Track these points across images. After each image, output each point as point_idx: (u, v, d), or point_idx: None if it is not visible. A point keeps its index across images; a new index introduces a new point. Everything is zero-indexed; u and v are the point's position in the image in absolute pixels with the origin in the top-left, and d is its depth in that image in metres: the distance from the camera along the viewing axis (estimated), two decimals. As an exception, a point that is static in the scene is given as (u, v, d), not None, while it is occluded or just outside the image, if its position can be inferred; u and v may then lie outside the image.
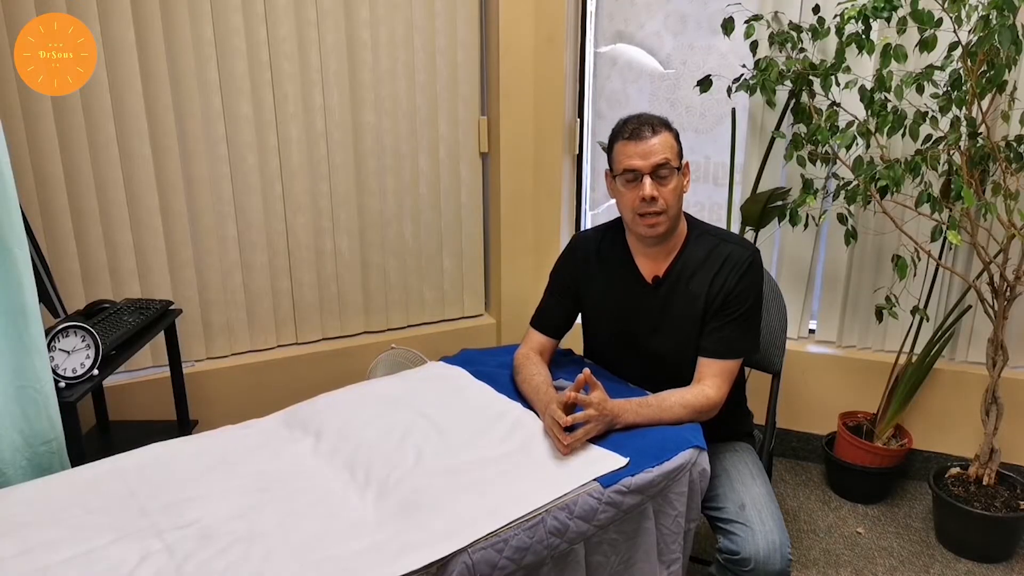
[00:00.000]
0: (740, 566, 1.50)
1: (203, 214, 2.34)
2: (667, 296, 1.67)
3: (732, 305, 1.62)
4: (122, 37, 2.11)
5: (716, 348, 1.62)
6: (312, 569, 1.15)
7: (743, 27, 2.29)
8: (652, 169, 1.55)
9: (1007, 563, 2.18)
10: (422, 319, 2.81)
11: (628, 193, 1.59)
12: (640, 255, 1.70)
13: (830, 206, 2.43)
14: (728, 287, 1.61)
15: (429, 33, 2.53)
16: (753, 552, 1.48)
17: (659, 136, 1.56)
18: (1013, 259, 2.15)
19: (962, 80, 1.98)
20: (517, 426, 1.54)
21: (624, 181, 1.59)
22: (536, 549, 1.26)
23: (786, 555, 1.50)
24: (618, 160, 1.60)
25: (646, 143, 1.56)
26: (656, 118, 1.60)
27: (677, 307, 1.66)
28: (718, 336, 1.62)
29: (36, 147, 2.08)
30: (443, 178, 2.70)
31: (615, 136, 1.62)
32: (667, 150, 1.57)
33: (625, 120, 1.62)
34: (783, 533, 1.53)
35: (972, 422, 2.37)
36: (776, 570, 1.48)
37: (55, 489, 1.36)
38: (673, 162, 1.57)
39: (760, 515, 1.54)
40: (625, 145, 1.58)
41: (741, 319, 1.62)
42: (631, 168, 1.57)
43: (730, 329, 1.62)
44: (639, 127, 1.57)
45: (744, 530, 1.52)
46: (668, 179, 1.57)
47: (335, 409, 1.64)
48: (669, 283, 1.67)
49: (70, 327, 1.67)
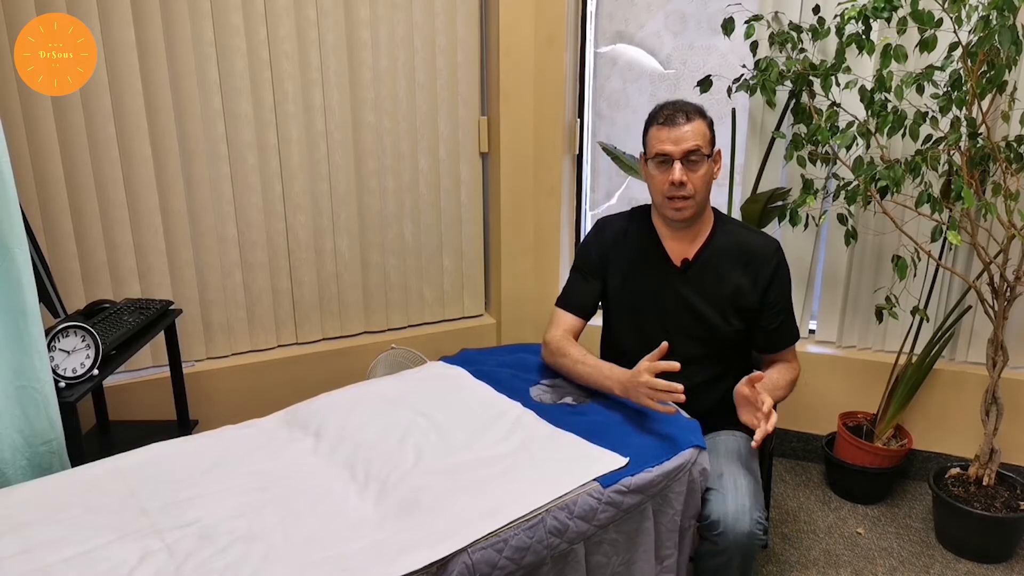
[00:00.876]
0: (712, 530, 1.51)
1: (203, 214, 2.34)
2: (697, 279, 1.73)
3: (779, 301, 1.73)
4: (122, 37, 2.11)
5: (787, 341, 1.77)
6: (312, 569, 1.15)
7: (743, 27, 2.29)
8: (683, 155, 1.61)
9: (1007, 563, 2.18)
10: (422, 319, 2.81)
11: (659, 176, 1.65)
12: (668, 239, 1.75)
13: (830, 206, 2.43)
14: (764, 279, 1.71)
15: (429, 33, 2.54)
16: (722, 515, 1.49)
17: (692, 123, 1.62)
18: (1013, 259, 2.15)
19: (962, 80, 1.98)
20: (517, 426, 1.54)
21: (656, 164, 1.65)
22: (536, 549, 1.26)
23: (756, 519, 1.50)
24: (651, 144, 1.66)
25: (679, 129, 1.61)
26: (691, 105, 1.66)
27: (706, 291, 1.72)
28: (780, 332, 1.75)
29: (36, 147, 2.08)
30: (443, 178, 2.70)
31: (651, 120, 1.68)
32: (699, 137, 1.62)
33: (662, 105, 1.68)
34: (756, 500, 1.53)
35: (972, 422, 2.37)
36: (744, 531, 1.48)
37: (55, 489, 1.36)
38: (704, 149, 1.63)
39: (735, 482, 1.55)
40: (659, 130, 1.64)
41: (788, 307, 1.76)
42: (662, 152, 1.62)
43: (782, 320, 1.75)
44: (674, 113, 1.63)
45: (716, 496, 1.53)
46: (698, 165, 1.62)
47: (335, 409, 1.64)
48: (698, 267, 1.73)
49: (70, 327, 1.67)
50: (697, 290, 1.73)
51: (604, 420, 1.57)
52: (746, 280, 1.70)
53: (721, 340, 1.74)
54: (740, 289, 1.70)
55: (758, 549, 1.53)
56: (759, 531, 1.50)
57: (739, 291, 1.71)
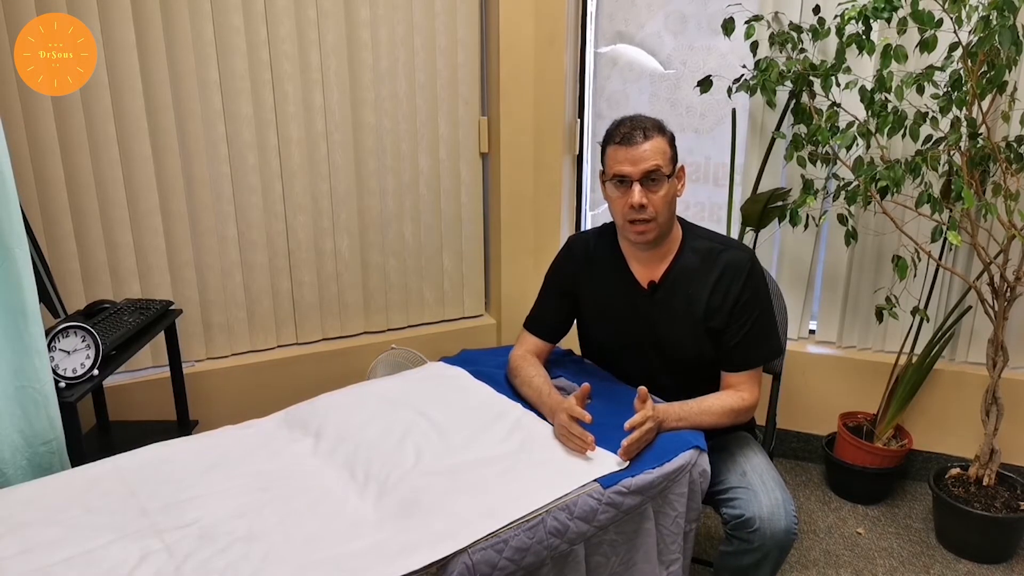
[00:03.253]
0: (746, 528, 1.48)
1: (203, 214, 2.34)
2: (664, 301, 1.65)
3: (743, 314, 1.60)
4: (122, 37, 2.11)
5: (740, 362, 1.62)
6: (312, 569, 1.15)
7: (743, 27, 2.29)
8: (642, 176, 1.52)
9: (1007, 563, 2.18)
10: (422, 319, 2.81)
11: (618, 198, 1.57)
12: (634, 260, 1.68)
13: (830, 206, 2.43)
14: (733, 295, 1.59)
15: (429, 33, 2.53)
16: (757, 511, 1.48)
17: (651, 141, 1.53)
18: (1013, 260, 2.15)
19: (962, 81, 1.98)
20: (517, 426, 1.54)
21: (614, 186, 1.57)
22: (536, 550, 1.26)
23: (791, 512, 1.48)
24: (609, 164, 1.58)
25: (637, 149, 1.52)
26: (650, 121, 1.56)
27: (675, 312, 1.64)
28: (739, 351, 1.61)
29: (36, 147, 2.08)
30: (443, 178, 2.70)
31: (608, 139, 1.59)
32: (658, 156, 1.53)
33: (619, 122, 1.59)
34: (786, 493, 1.52)
35: (972, 422, 2.37)
36: (782, 527, 1.47)
37: (55, 489, 1.36)
38: (664, 169, 1.54)
39: (762, 478, 1.54)
40: (616, 150, 1.55)
41: (756, 326, 1.61)
42: (620, 174, 1.54)
43: (748, 340, 1.61)
44: (631, 131, 1.54)
45: (746, 493, 1.51)
46: (658, 185, 1.54)
47: (335, 409, 1.64)
48: (665, 288, 1.65)
49: (70, 327, 1.67)
50: (666, 314, 1.64)
51: (604, 421, 1.57)
52: (717, 297, 1.60)
53: (694, 367, 1.66)
54: (711, 309, 1.60)
55: (793, 543, 1.51)
56: (795, 524, 1.49)
57: (709, 311, 1.60)
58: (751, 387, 1.61)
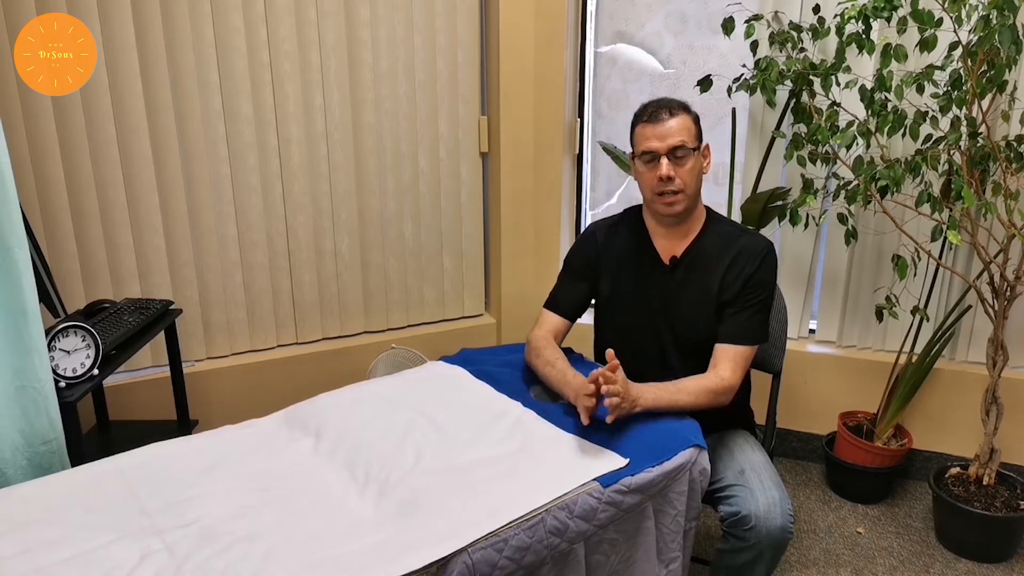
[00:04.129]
0: (742, 526, 1.51)
1: (203, 214, 2.34)
2: (684, 277, 1.70)
3: (751, 292, 1.65)
4: (122, 37, 2.11)
5: (733, 333, 1.65)
6: (312, 569, 1.15)
7: (743, 27, 2.29)
8: (669, 150, 1.61)
9: (1007, 563, 2.18)
10: (422, 319, 2.81)
11: (647, 173, 1.65)
12: (659, 236, 1.74)
13: (830, 206, 2.43)
14: (747, 273, 1.65)
15: (429, 33, 2.54)
16: (753, 509, 1.50)
17: (676, 118, 1.61)
18: (1013, 259, 2.15)
19: (962, 80, 1.98)
20: (517, 426, 1.54)
21: (643, 162, 1.65)
22: (536, 549, 1.26)
23: (787, 511, 1.51)
24: (637, 142, 1.66)
25: (663, 125, 1.61)
26: (675, 101, 1.65)
27: (692, 290, 1.69)
28: (735, 321, 1.65)
29: (36, 147, 2.08)
30: (443, 178, 2.70)
31: (636, 119, 1.68)
32: (684, 132, 1.61)
33: (646, 104, 1.67)
34: (783, 492, 1.54)
35: (972, 422, 2.37)
36: (778, 526, 1.49)
37: (55, 489, 1.36)
38: (690, 144, 1.62)
39: (759, 477, 1.56)
40: (644, 127, 1.64)
41: (759, 306, 1.66)
42: (649, 150, 1.62)
43: (747, 315, 1.65)
44: (658, 110, 1.63)
45: (743, 491, 1.54)
46: (685, 160, 1.62)
47: (335, 409, 1.64)
48: (686, 264, 1.71)
49: (70, 327, 1.67)
50: (683, 289, 1.70)
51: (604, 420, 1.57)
52: (731, 275, 1.66)
53: (705, 350, 1.67)
54: (724, 285, 1.66)
55: (788, 542, 1.53)
56: (791, 523, 1.51)
57: (723, 287, 1.66)
58: (734, 368, 1.62)
